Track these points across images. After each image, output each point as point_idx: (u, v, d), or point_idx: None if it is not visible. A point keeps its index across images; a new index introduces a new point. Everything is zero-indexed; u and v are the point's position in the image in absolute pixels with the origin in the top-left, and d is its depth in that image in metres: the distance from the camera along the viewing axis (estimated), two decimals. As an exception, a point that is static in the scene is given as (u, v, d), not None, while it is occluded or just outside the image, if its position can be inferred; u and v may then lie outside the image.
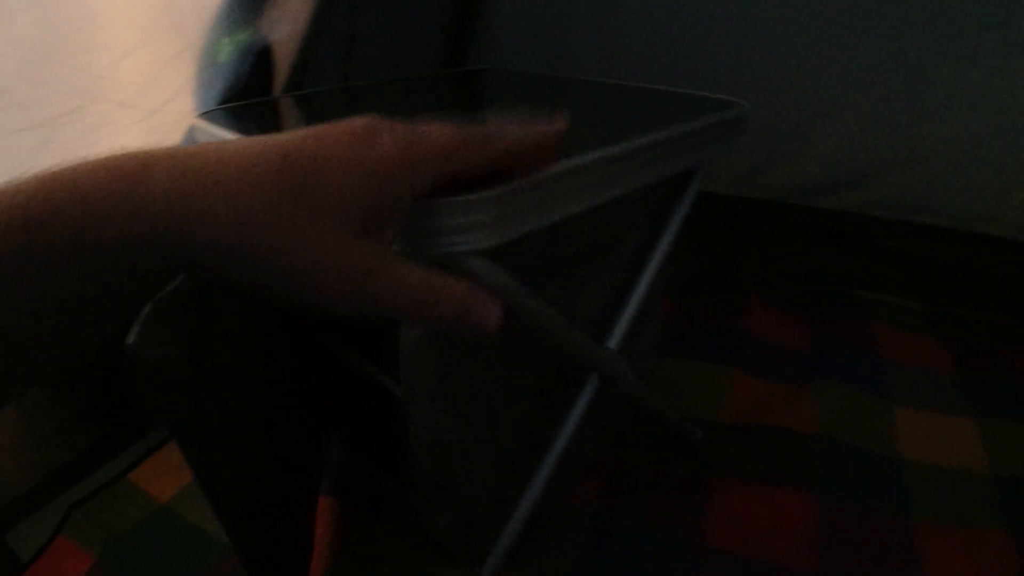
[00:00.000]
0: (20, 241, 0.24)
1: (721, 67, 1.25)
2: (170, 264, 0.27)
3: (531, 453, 0.71)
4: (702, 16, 1.23)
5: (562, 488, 0.87)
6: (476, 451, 0.64)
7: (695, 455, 0.94)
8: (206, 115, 0.70)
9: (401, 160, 0.30)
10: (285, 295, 0.29)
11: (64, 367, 0.28)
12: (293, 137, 0.30)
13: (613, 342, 0.70)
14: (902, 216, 1.25)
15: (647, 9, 1.26)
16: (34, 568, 0.83)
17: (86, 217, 0.25)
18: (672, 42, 1.27)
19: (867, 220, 1.28)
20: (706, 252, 1.37)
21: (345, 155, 0.29)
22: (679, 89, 0.77)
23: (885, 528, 0.82)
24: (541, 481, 0.70)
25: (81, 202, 0.25)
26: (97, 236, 0.25)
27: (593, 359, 0.68)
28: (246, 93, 0.78)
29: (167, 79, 0.73)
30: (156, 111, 0.73)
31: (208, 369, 0.59)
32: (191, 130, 0.74)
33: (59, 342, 0.27)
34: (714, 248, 1.38)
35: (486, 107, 0.78)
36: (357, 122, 0.31)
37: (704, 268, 1.40)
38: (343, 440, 0.92)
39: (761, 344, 1.18)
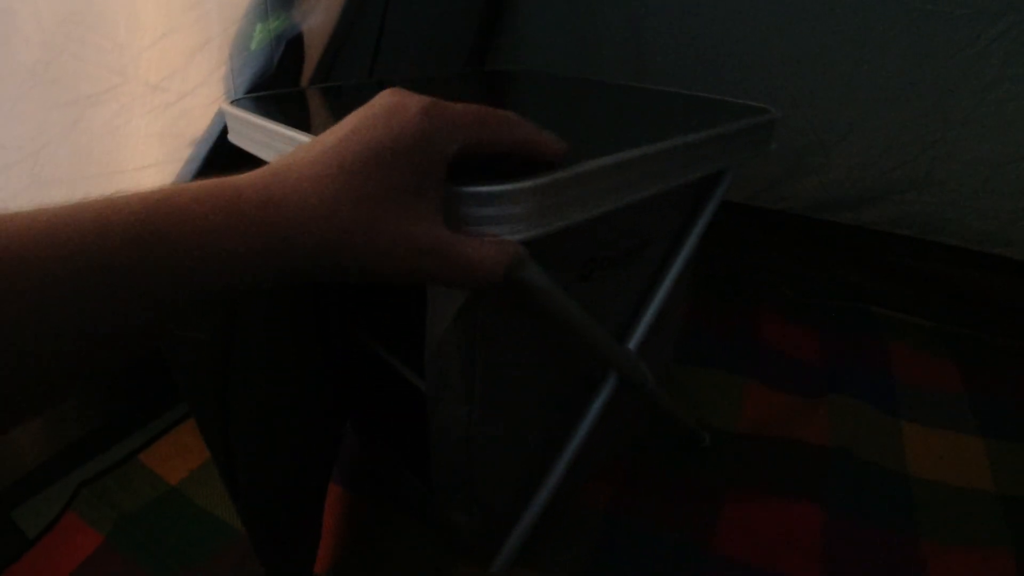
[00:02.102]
0: (131, 257, 0.26)
1: (749, 79, 1.25)
2: (260, 278, 0.31)
3: (548, 452, 0.71)
4: (732, 27, 1.23)
5: (575, 490, 0.87)
6: (495, 447, 0.64)
7: (707, 463, 0.94)
8: (236, 102, 0.70)
9: (428, 123, 0.34)
10: (374, 279, 0.34)
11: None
12: (340, 136, 0.33)
13: (633, 343, 0.71)
14: (920, 235, 1.26)
15: (677, 18, 1.27)
16: (42, 544, 0.83)
17: (190, 239, 0.28)
18: (701, 52, 1.27)
19: (885, 237, 1.29)
20: (725, 261, 1.37)
21: (382, 137, 0.33)
22: (710, 95, 0.77)
23: (891, 543, 0.82)
24: (555, 481, 0.71)
25: (186, 231, 0.28)
26: (198, 256, 0.28)
27: (613, 359, 0.68)
28: (276, 81, 0.78)
29: (200, 64, 0.74)
30: (187, 95, 0.74)
31: (233, 354, 0.59)
32: (220, 115, 0.75)
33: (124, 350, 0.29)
34: (733, 258, 1.39)
35: (517, 107, 0.78)
36: (384, 101, 0.35)
37: (722, 277, 1.40)
38: (357, 429, 0.92)
39: (775, 355, 1.18)
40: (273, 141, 0.58)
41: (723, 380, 1.12)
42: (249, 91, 0.76)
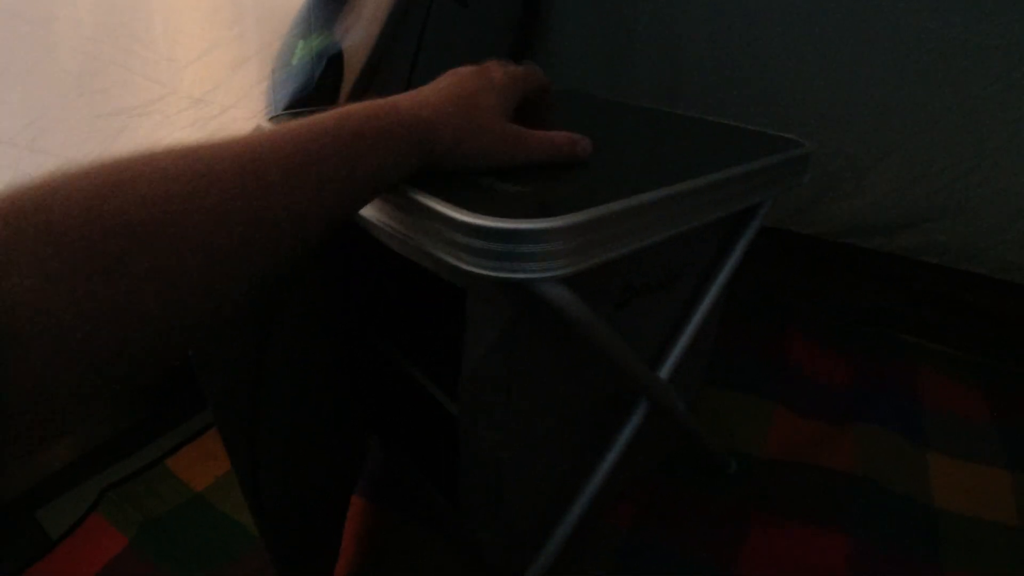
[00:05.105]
0: (342, 153, 0.39)
1: (782, 104, 1.25)
2: (415, 159, 0.45)
3: (577, 474, 0.71)
4: (766, 53, 1.23)
5: (598, 510, 0.87)
6: (526, 471, 0.64)
7: (731, 487, 0.94)
8: (275, 119, 0.71)
9: (507, 78, 0.53)
10: (479, 162, 0.50)
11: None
12: (451, 81, 0.51)
13: (665, 371, 0.70)
14: (951, 263, 1.25)
15: (712, 40, 1.27)
16: (65, 545, 0.84)
17: (378, 130, 0.42)
18: (735, 77, 1.27)
19: (916, 264, 1.28)
20: (756, 285, 1.36)
21: (484, 82, 0.51)
22: (745, 125, 0.77)
23: (915, 574, 0.82)
24: (583, 502, 0.70)
25: (375, 126, 0.42)
26: (383, 143, 0.42)
27: (645, 386, 0.68)
28: (316, 96, 0.79)
29: (242, 78, 0.75)
30: (229, 108, 0.75)
31: (265, 370, 0.60)
32: (258, 130, 0.76)
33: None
34: (763, 281, 1.38)
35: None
36: (467, 68, 0.53)
37: (752, 301, 1.39)
38: (383, 444, 0.93)
39: (804, 381, 1.17)
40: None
41: (750, 404, 1.11)
42: (289, 106, 0.77)
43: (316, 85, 0.78)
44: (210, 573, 0.81)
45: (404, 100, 0.46)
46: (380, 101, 0.44)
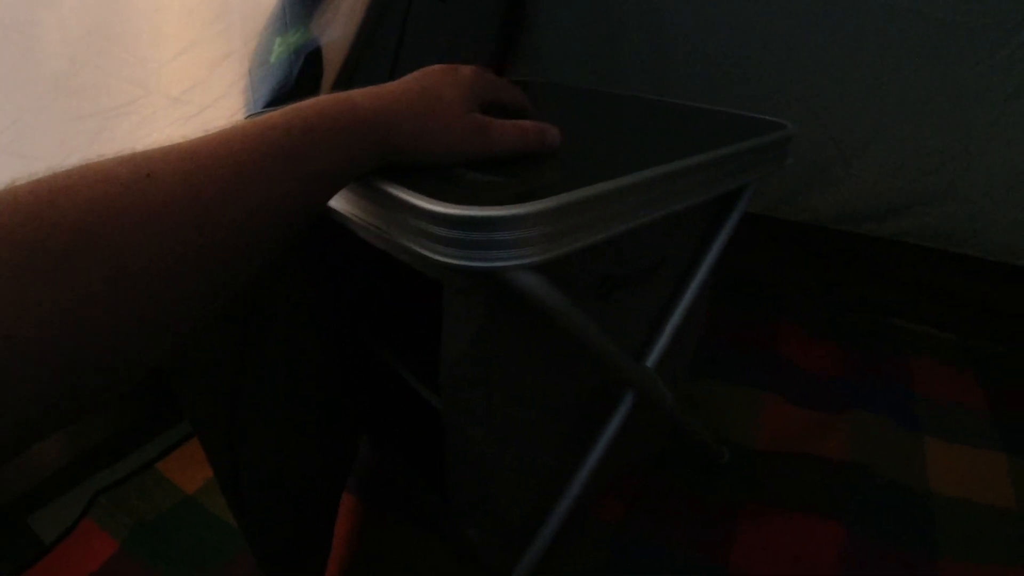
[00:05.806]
0: (304, 145, 0.39)
1: (770, 91, 1.25)
2: (374, 154, 0.45)
3: (565, 468, 0.71)
4: (754, 40, 1.23)
5: (588, 503, 0.87)
6: (512, 465, 0.64)
7: (724, 479, 0.93)
8: (253, 117, 0.70)
9: (475, 75, 0.53)
10: (444, 156, 0.49)
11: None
12: (416, 76, 0.51)
13: (650, 361, 0.70)
14: (942, 246, 1.24)
15: (700, 30, 1.27)
16: (58, 550, 0.84)
17: (331, 124, 0.41)
18: (723, 64, 1.27)
19: (907, 249, 1.27)
20: (745, 273, 1.36)
21: (449, 76, 0.51)
22: (728, 109, 0.77)
23: (911, 561, 0.81)
24: (572, 497, 0.70)
25: (327, 120, 0.41)
26: (336, 138, 0.41)
27: (630, 377, 0.68)
28: (295, 94, 0.79)
29: (221, 77, 0.74)
30: (208, 107, 0.74)
31: (248, 370, 0.60)
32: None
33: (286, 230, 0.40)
34: (753, 269, 1.38)
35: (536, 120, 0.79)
36: (440, 66, 0.53)
37: (742, 289, 1.39)
38: (374, 442, 0.92)
39: (795, 370, 1.17)
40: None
41: (742, 394, 1.10)
42: (268, 104, 0.76)
43: (295, 82, 0.78)
44: (203, 574, 0.81)
45: (361, 94, 0.45)
46: (335, 95, 0.44)
